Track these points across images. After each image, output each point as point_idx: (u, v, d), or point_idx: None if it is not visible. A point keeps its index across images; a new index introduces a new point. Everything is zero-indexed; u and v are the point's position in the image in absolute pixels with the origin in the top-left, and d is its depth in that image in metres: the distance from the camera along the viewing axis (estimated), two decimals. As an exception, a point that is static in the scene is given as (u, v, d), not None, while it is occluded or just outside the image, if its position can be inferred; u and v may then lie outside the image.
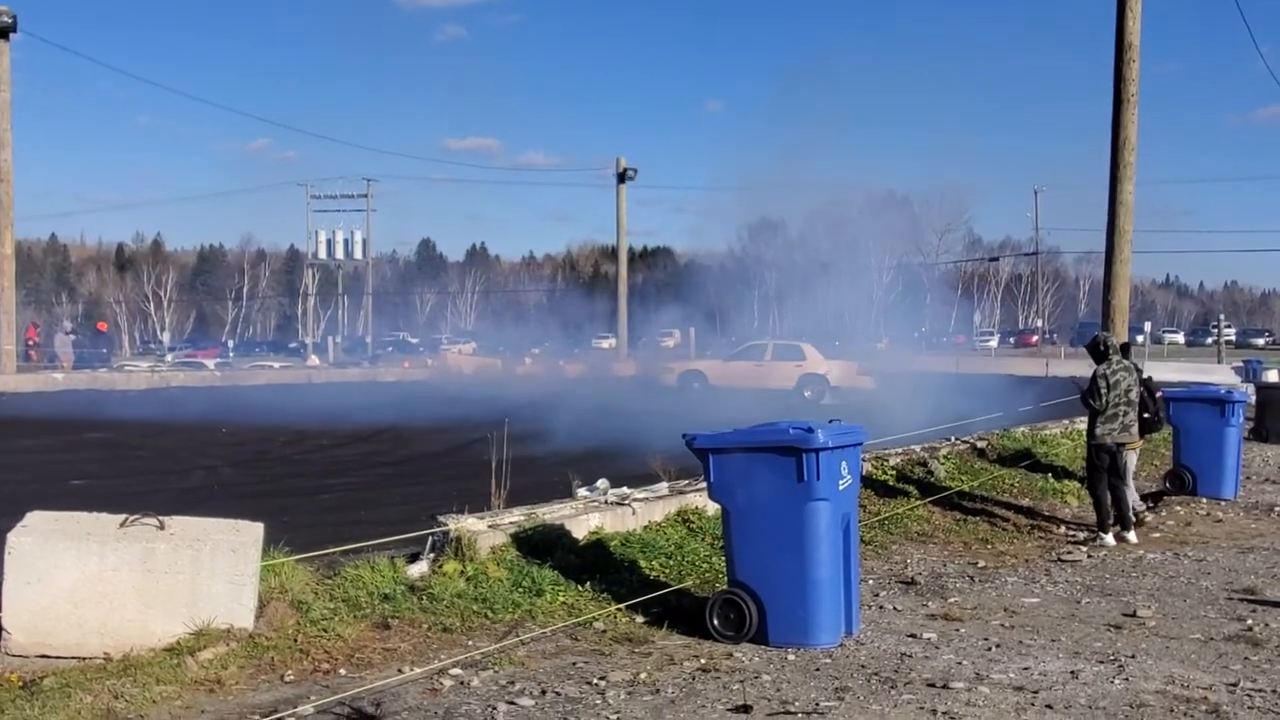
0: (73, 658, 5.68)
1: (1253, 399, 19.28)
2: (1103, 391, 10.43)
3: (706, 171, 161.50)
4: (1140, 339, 15.39)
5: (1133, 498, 11.15)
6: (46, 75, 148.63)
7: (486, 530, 7.55)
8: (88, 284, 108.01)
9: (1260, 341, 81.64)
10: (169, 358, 57.33)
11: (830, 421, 6.77)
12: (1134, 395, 10.51)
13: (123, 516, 6.04)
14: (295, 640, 6.05)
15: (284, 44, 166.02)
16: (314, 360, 52.72)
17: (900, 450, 12.85)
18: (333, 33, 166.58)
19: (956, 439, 14.30)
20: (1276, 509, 12.40)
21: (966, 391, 22.56)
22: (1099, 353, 10.72)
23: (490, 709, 5.28)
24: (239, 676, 5.57)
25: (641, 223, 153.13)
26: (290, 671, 5.73)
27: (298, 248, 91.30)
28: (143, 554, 5.85)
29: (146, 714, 5.09)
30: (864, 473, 10.93)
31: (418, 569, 7.14)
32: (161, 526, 6.00)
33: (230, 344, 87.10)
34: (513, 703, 5.37)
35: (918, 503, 11.19)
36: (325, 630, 6.21)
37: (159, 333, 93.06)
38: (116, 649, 5.71)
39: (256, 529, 6.22)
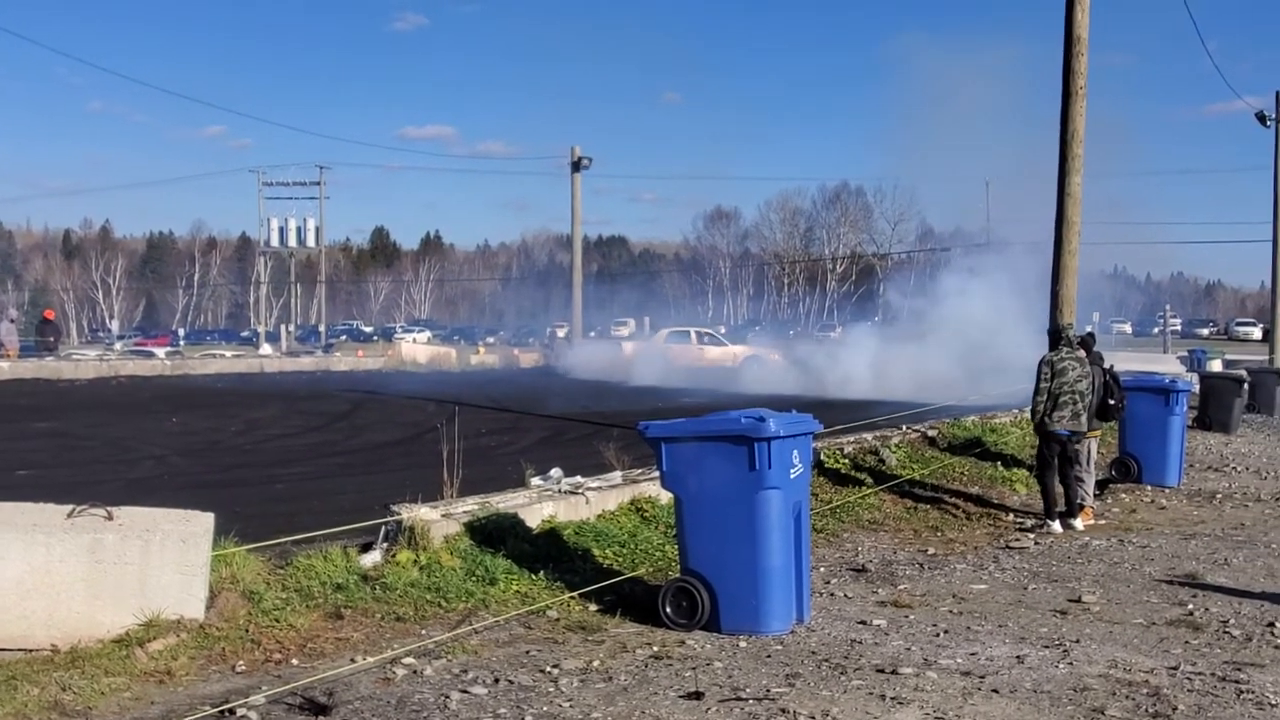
0: (19, 650, 5.61)
1: (1196, 388, 19.65)
2: (1044, 378, 10.57)
3: (664, 161, 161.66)
4: (1089, 329, 15.67)
5: (1090, 484, 11.35)
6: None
7: (440, 519, 7.55)
8: (34, 271, 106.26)
9: (1205, 332, 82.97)
10: (118, 346, 56.57)
11: (783, 411, 6.83)
12: (1083, 386, 10.64)
13: (70, 507, 5.98)
14: (247, 630, 6.01)
15: (240, 29, 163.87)
16: (266, 349, 52.22)
17: (853, 439, 12.96)
18: (291, 18, 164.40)
19: (908, 427, 14.45)
20: (1218, 497, 12.65)
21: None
22: (1054, 341, 10.92)
23: (443, 698, 5.29)
24: (189, 667, 5.54)
25: (596, 212, 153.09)
26: (241, 662, 5.70)
27: (250, 235, 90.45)
28: (91, 545, 5.79)
29: (95, 706, 5.04)
30: (816, 461, 11.03)
31: (371, 558, 7.13)
32: (110, 517, 5.94)
33: (181, 332, 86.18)
34: (466, 691, 5.38)
35: (869, 491, 11.30)
36: (277, 620, 6.18)
37: (107, 321, 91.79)
38: (64, 641, 5.65)
39: (207, 519, 6.17)
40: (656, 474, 7.12)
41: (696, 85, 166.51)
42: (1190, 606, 7.47)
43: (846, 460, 12.12)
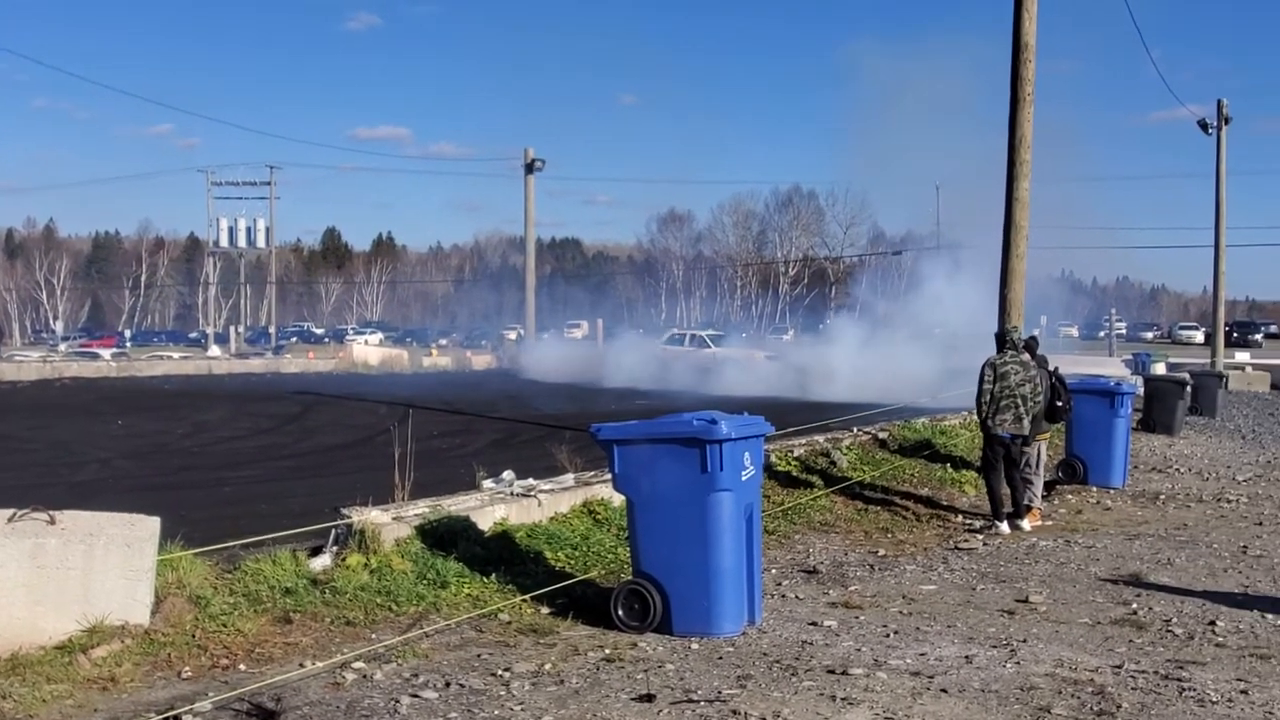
0: (-42, 657, 5.50)
1: (1141, 391, 19.96)
2: (986, 380, 10.67)
3: (618, 164, 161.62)
4: (1036, 332, 15.98)
5: (1039, 486, 11.45)
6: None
7: (391, 522, 7.50)
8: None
9: (1149, 335, 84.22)
10: (62, 347, 55.68)
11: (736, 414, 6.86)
12: (1025, 390, 10.72)
13: (11, 511, 5.87)
14: (193, 636, 5.94)
15: (189, 26, 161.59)
16: (215, 350, 51.66)
17: (804, 441, 13.04)
18: (241, 16, 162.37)
19: (859, 429, 14.56)
20: (1161, 497, 12.85)
21: None
22: (999, 344, 11.01)
23: (393, 702, 5.25)
24: (134, 674, 5.46)
25: (550, 214, 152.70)
26: (188, 668, 5.63)
27: (198, 235, 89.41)
28: (32, 550, 5.68)
29: (36, 714, 4.95)
30: (768, 463, 11.09)
31: (320, 562, 7.06)
32: (52, 521, 5.84)
33: (127, 333, 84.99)
34: (416, 695, 5.35)
35: (820, 493, 11.37)
36: (224, 625, 6.11)
37: (51, 322, 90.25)
38: (4, 648, 5.54)
39: (152, 523, 6.09)
40: (609, 476, 7.12)
41: (653, 88, 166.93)
42: (1134, 606, 7.58)
43: (797, 462, 12.18)
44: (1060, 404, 11.60)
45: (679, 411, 7.03)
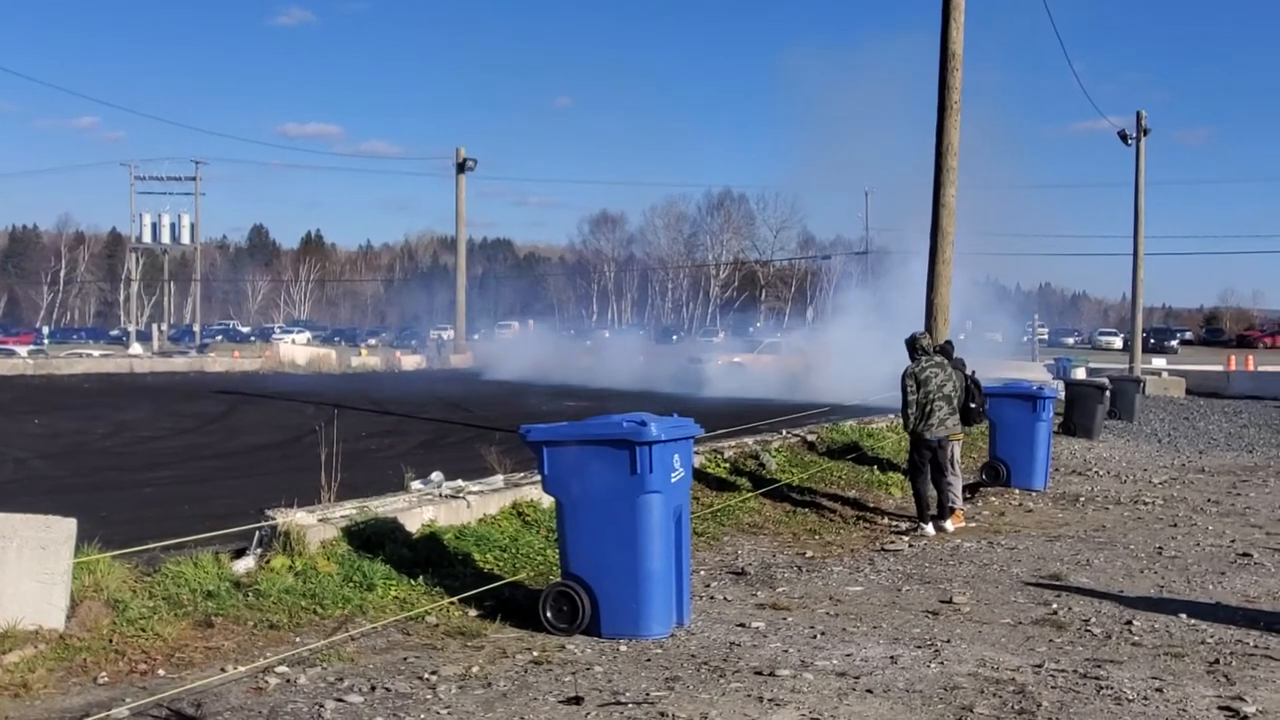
0: None
1: (1062, 395, 20.35)
2: (909, 391, 10.84)
3: (551, 165, 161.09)
4: (962, 336, 16.27)
5: (958, 487, 11.62)
6: None
7: (316, 524, 7.40)
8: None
9: (1070, 340, 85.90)
10: (-24, 344, 54.15)
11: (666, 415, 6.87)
12: (948, 390, 10.90)
13: (-80, 513, 5.70)
14: (110, 640, 5.81)
15: (115, 18, 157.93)
16: (137, 348, 50.66)
17: (734, 443, 13.10)
18: (169, 9, 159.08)
19: (788, 432, 14.67)
20: (1081, 500, 13.11)
21: None
22: (911, 352, 11.11)
23: (317, 707, 5.18)
24: (48, 679, 5.32)
25: (482, 214, 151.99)
26: (104, 673, 5.50)
27: (120, 231, 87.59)
28: (-58, 552, 5.53)
29: (-55, 721, 4.82)
30: (697, 465, 11.12)
31: (244, 565, 6.95)
32: (-37, 523, 5.68)
33: (45, 330, 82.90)
34: (341, 700, 5.28)
35: (749, 495, 11.43)
36: (143, 629, 5.98)
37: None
38: (-88, 653, 5.38)
39: (68, 524, 5.94)
40: (538, 478, 7.09)
41: (587, 90, 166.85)
42: (1054, 606, 7.72)
43: (726, 465, 12.24)
44: (974, 406, 11.75)
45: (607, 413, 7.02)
